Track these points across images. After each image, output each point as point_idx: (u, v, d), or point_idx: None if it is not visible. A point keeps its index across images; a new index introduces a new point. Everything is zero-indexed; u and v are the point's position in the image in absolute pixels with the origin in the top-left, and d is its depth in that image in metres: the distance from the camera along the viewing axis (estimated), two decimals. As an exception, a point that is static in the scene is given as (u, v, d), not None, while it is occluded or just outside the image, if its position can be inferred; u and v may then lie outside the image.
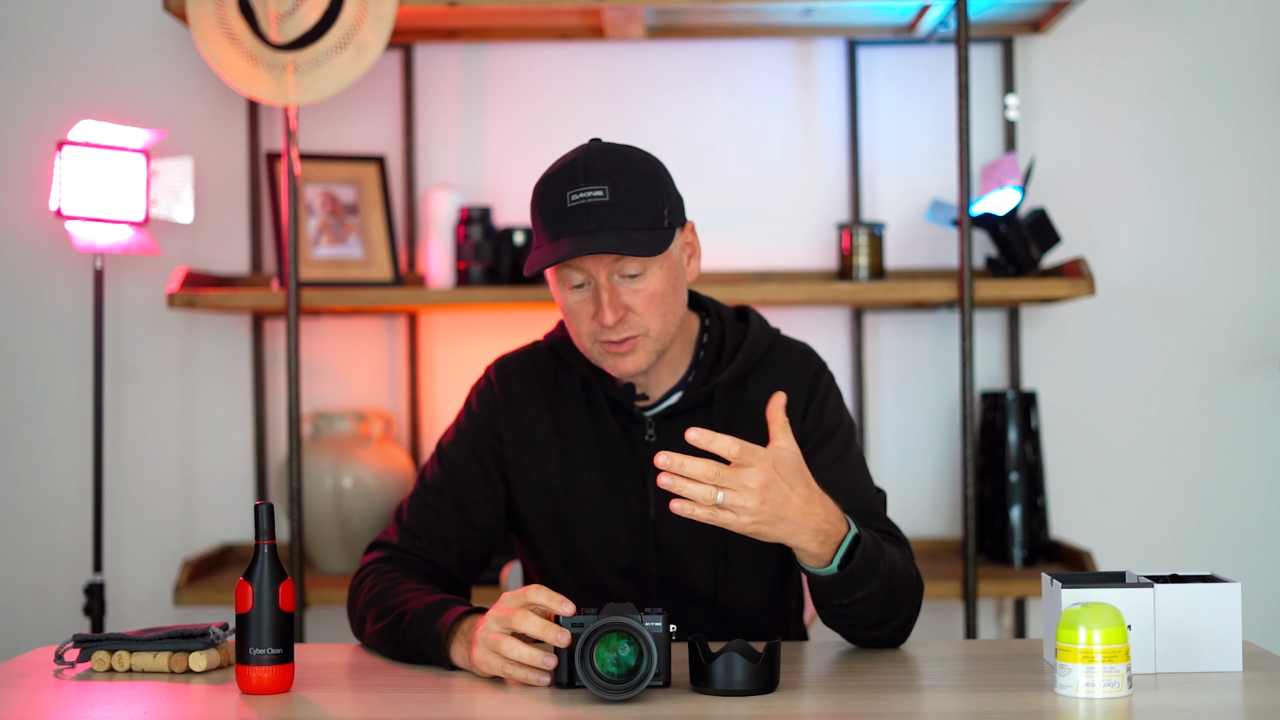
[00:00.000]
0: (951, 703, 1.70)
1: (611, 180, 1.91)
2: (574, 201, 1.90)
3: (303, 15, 2.74)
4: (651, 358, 1.97)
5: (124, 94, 3.23)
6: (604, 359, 1.97)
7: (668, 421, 2.03)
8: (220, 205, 3.24)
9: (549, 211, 1.93)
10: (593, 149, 1.95)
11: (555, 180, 1.94)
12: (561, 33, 3.20)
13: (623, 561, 2.03)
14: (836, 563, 1.79)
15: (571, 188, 1.91)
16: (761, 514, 1.72)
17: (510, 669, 1.72)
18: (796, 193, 3.24)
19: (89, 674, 1.83)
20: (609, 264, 1.92)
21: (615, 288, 1.93)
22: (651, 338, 1.96)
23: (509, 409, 2.08)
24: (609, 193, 1.90)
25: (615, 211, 1.90)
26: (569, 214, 1.90)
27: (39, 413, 3.24)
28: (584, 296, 1.95)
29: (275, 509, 1.76)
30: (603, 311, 1.92)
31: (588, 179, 1.91)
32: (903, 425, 3.25)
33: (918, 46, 3.22)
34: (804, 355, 2.10)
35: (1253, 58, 3.20)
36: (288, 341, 2.86)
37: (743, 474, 1.71)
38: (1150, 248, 3.22)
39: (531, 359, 2.12)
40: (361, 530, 3.03)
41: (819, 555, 1.78)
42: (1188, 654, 1.74)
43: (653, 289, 1.94)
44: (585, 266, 1.92)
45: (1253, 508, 3.21)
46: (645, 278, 1.93)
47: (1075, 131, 3.23)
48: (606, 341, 1.95)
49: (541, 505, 2.06)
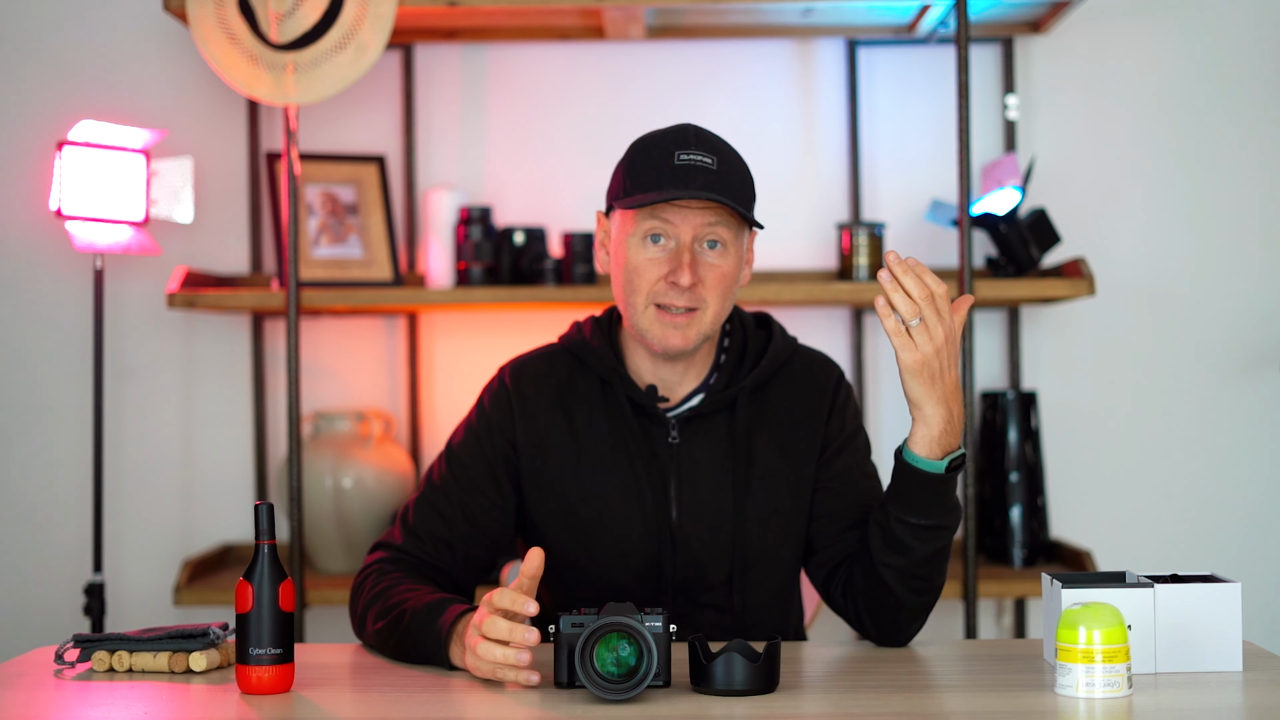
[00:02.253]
0: (951, 703, 1.70)
1: (719, 154, 1.96)
2: (682, 160, 1.94)
3: (303, 15, 2.74)
4: (700, 340, 1.98)
5: (124, 94, 3.23)
6: (654, 327, 1.97)
7: (690, 424, 2.02)
8: (220, 205, 3.25)
9: (652, 165, 1.95)
10: (697, 126, 2.00)
11: (661, 140, 1.97)
12: (561, 33, 3.20)
13: (637, 564, 2.02)
14: (945, 465, 1.85)
15: (681, 148, 1.95)
16: (930, 362, 1.81)
17: (501, 671, 1.73)
18: (796, 193, 3.24)
19: (89, 674, 1.83)
20: (700, 227, 1.94)
21: (696, 254, 1.95)
22: (707, 318, 1.97)
23: (523, 411, 2.05)
24: (717, 164, 1.95)
25: (721, 179, 1.94)
26: (676, 170, 1.93)
27: (39, 412, 3.24)
28: (659, 256, 1.96)
29: (275, 509, 1.76)
30: (681, 271, 1.93)
31: (699, 145, 1.95)
32: (903, 425, 3.22)
33: (918, 46, 3.22)
34: (825, 364, 2.12)
35: (1253, 58, 3.20)
36: (288, 341, 2.86)
37: (938, 321, 1.79)
38: (1150, 248, 3.22)
39: (547, 361, 2.09)
40: (361, 530, 3.03)
41: (934, 441, 1.86)
42: (1188, 654, 1.74)
43: (726, 267, 1.97)
44: (676, 224, 1.94)
45: (1253, 508, 3.21)
46: (725, 254, 1.97)
47: (1075, 131, 3.23)
48: (664, 308, 1.96)
49: (555, 509, 2.04)
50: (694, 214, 1.93)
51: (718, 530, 2.00)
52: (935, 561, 1.91)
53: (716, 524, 2.01)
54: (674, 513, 2.01)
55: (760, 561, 2.03)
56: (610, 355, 2.04)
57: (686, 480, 2.01)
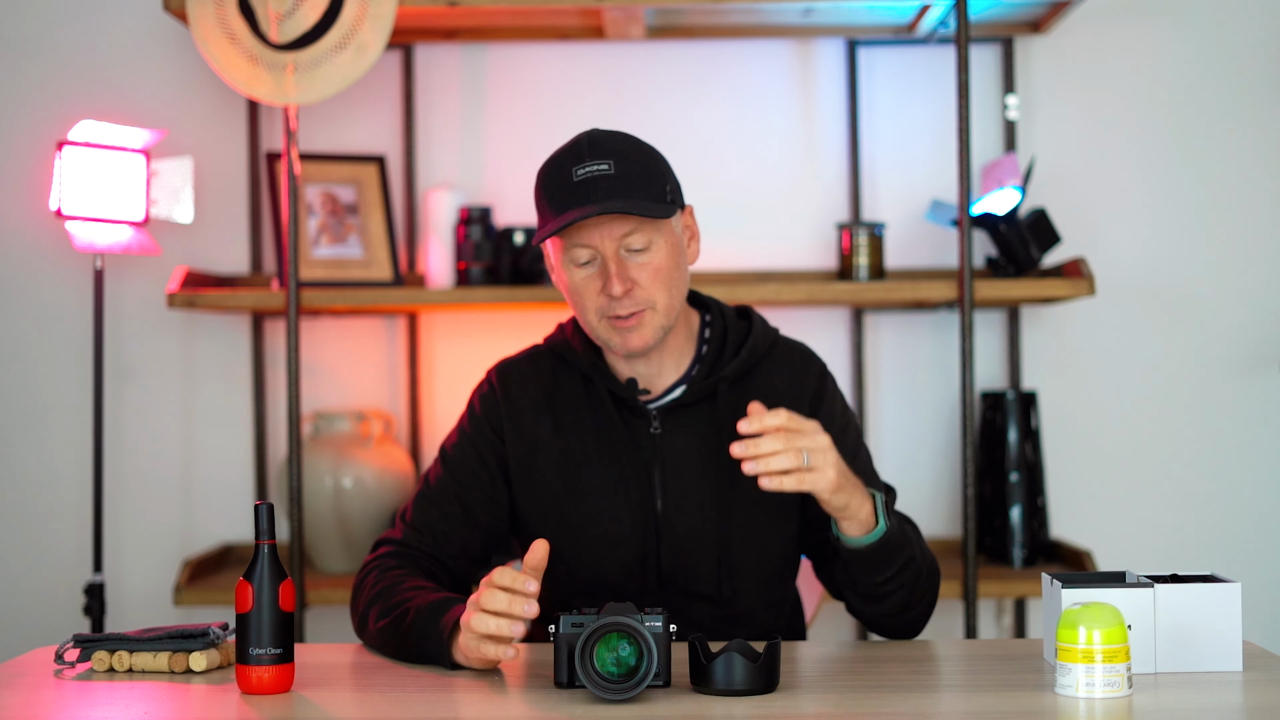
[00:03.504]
0: (951, 703, 1.70)
1: (616, 156, 1.96)
2: (580, 176, 1.94)
3: (303, 15, 2.74)
4: (658, 334, 1.99)
5: (124, 94, 3.23)
6: (612, 336, 2.00)
7: (672, 414, 2.05)
8: (220, 205, 3.24)
9: (554, 188, 1.97)
10: (594, 131, 2.01)
11: (559, 160, 1.98)
12: (561, 33, 3.20)
13: (627, 556, 2.04)
14: (883, 523, 1.87)
15: (577, 164, 1.95)
16: (841, 467, 1.82)
17: (484, 647, 1.73)
18: (796, 193, 3.24)
19: (89, 674, 1.83)
20: (616, 237, 1.95)
21: (622, 261, 1.96)
22: (659, 312, 1.98)
23: (511, 411, 2.09)
24: (614, 166, 1.95)
25: (621, 182, 1.94)
26: (575, 188, 1.94)
27: (39, 412, 3.24)
28: (590, 273, 1.98)
29: (275, 509, 1.76)
30: (611, 283, 1.95)
31: (593, 155, 1.96)
32: (903, 425, 3.25)
33: (918, 46, 3.22)
34: (805, 355, 2.13)
35: (1253, 58, 3.20)
36: (288, 341, 2.86)
37: (809, 436, 1.80)
38: (1150, 248, 3.22)
39: (532, 362, 2.14)
40: (361, 530, 3.03)
41: (867, 520, 1.86)
42: (1188, 654, 1.74)
43: (658, 262, 1.97)
44: (592, 242, 1.96)
45: (1253, 508, 3.21)
46: (651, 251, 1.97)
47: (1075, 131, 3.23)
48: (614, 317, 1.98)
49: (544, 506, 2.07)
50: (606, 227, 1.95)
51: (703, 519, 2.03)
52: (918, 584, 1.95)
53: (701, 513, 2.04)
54: (659, 503, 2.04)
55: (748, 548, 2.05)
56: (590, 352, 2.08)
57: (671, 470, 2.04)
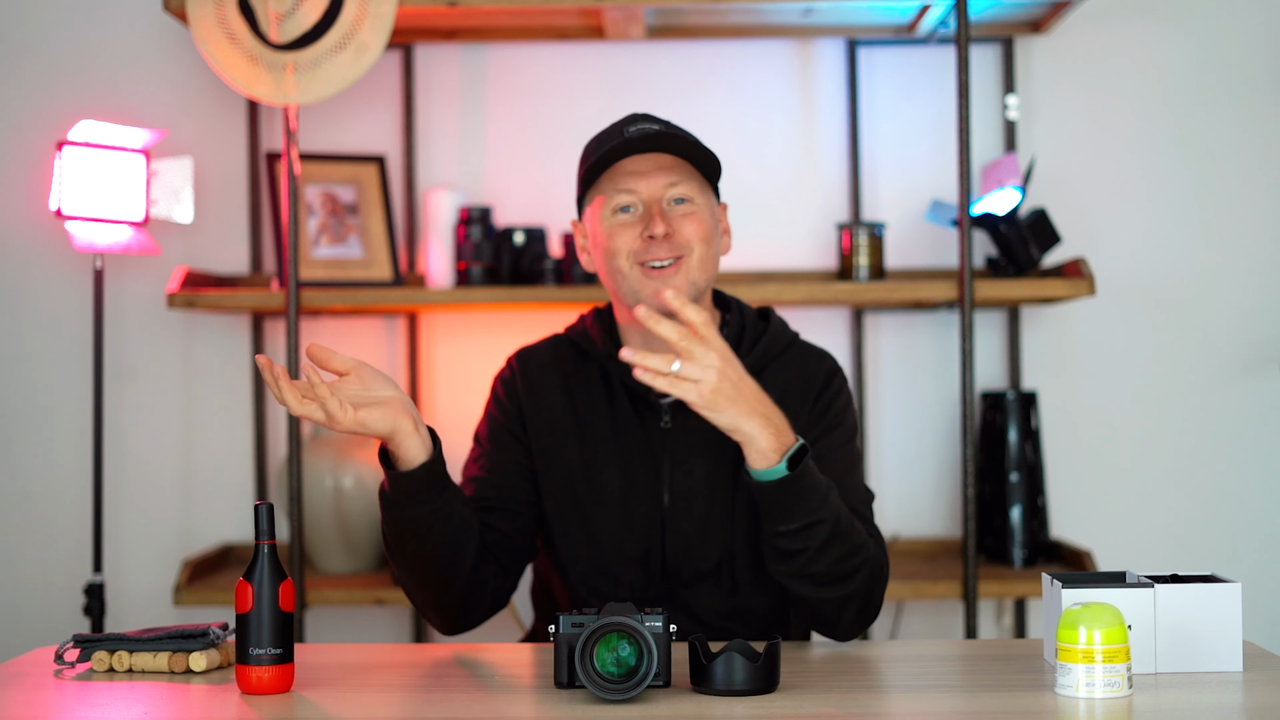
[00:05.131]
0: (951, 703, 1.70)
1: (666, 123, 2.04)
2: (630, 132, 2.01)
3: (303, 15, 2.74)
4: (690, 288, 2.01)
5: (124, 94, 3.23)
6: (643, 285, 2.01)
7: (683, 409, 2.06)
8: (220, 205, 3.24)
9: (603, 143, 2.03)
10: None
11: (608, 129, 2.06)
12: (561, 33, 3.20)
13: (634, 549, 2.06)
14: (785, 464, 1.84)
15: (629, 125, 2.03)
16: (721, 388, 1.81)
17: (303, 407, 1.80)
18: (796, 193, 3.24)
19: (89, 674, 1.83)
20: (663, 185, 2.00)
21: (665, 210, 2.00)
22: (694, 262, 2.01)
23: (531, 396, 2.12)
24: (666, 128, 2.03)
25: (672, 137, 2.00)
26: (627, 140, 2.00)
27: (39, 412, 3.24)
28: (629, 220, 2.01)
29: (275, 509, 1.76)
30: (654, 222, 1.98)
31: (645, 120, 2.03)
32: (903, 425, 3.25)
33: (918, 46, 3.22)
34: (821, 356, 2.16)
35: (1252, 58, 3.20)
36: (288, 341, 2.86)
37: (704, 349, 1.81)
38: (1150, 248, 3.22)
39: (552, 349, 2.17)
40: (361, 530, 3.03)
41: (767, 452, 1.83)
42: (1188, 654, 1.74)
43: (701, 215, 2.02)
44: (637, 188, 2.00)
45: (1253, 508, 3.21)
46: (695, 204, 2.02)
47: (1075, 131, 3.23)
48: (649, 265, 2.00)
49: (560, 491, 2.09)
50: (654, 176, 2.01)
51: (709, 513, 2.05)
52: (828, 554, 1.90)
53: (707, 507, 2.05)
54: (666, 496, 2.06)
55: (752, 543, 2.05)
56: (609, 343, 2.10)
57: (679, 464, 2.06)
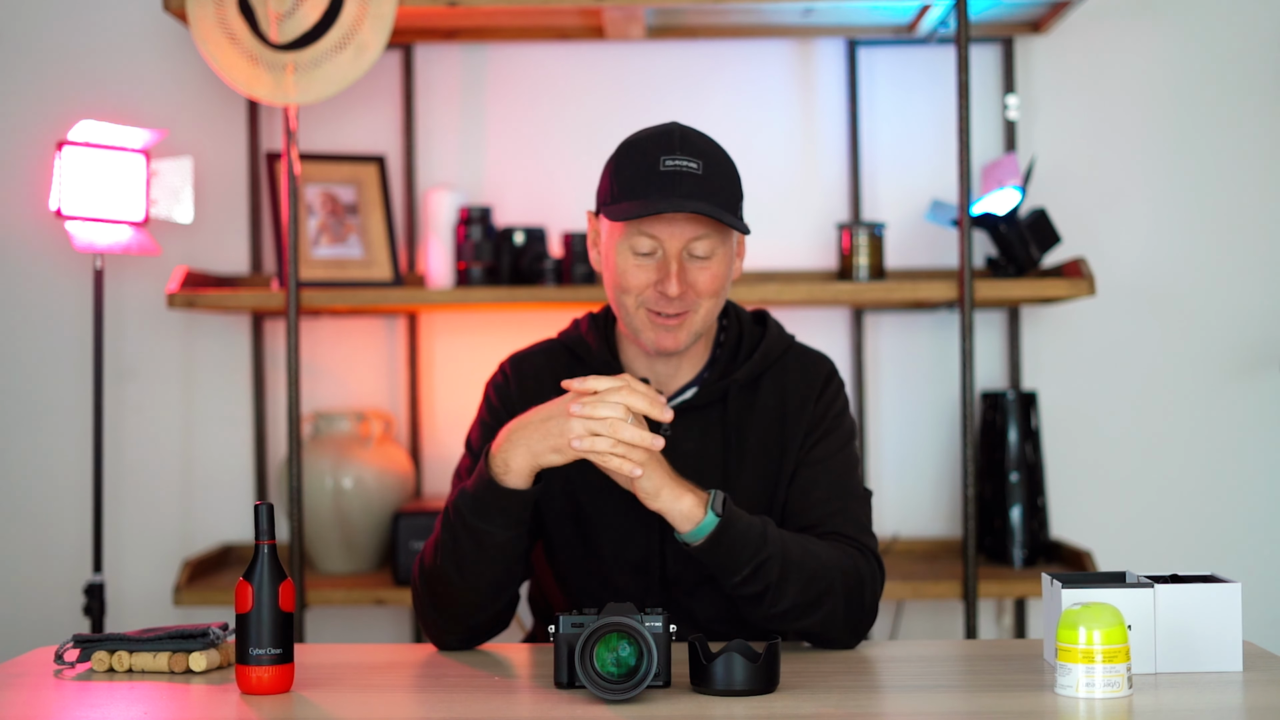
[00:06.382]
0: (951, 703, 1.70)
1: (705, 157, 1.97)
2: (667, 166, 1.94)
3: (303, 15, 2.74)
4: (691, 339, 2.01)
5: (124, 94, 3.23)
6: (646, 329, 2.00)
7: (683, 416, 2.05)
8: (220, 205, 3.24)
9: (639, 171, 1.96)
10: (683, 126, 2.01)
11: (647, 144, 1.98)
12: (561, 33, 3.20)
13: (633, 556, 2.05)
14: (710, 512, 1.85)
15: (666, 153, 1.95)
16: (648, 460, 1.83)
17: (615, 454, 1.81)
18: (796, 193, 3.24)
19: (89, 674, 1.83)
20: (686, 238, 1.96)
21: (684, 263, 1.97)
22: (699, 318, 2.00)
23: (524, 402, 2.09)
24: (702, 167, 1.96)
25: (707, 186, 1.95)
26: (662, 176, 1.94)
27: (39, 413, 3.24)
28: (646, 263, 1.98)
29: (275, 509, 1.76)
30: (669, 281, 1.95)
31: (684, 150, 1.96)
32: (903, 425, 3.25)
33: (918, 46, 3.22)
34: (819, 360, 2.14)
35: (1253, 58, 3.20)
36: (288, 341, 2.86)
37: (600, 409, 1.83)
38: (1150, 248, 3.22)
39: (546, 355, 2.14)
40: (361, 530, 3.03)
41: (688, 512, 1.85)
42: (1188, 654, 1.74)
43: (716, 270, 1.99)
44: (660, 235, 1.96)
45: (1253, 508, 3.21)
46: (713, 260, 1.98)
47: (1075, 131, 3.23)
48: (656, 312, 1.98)
49: (556, 500, 2.07)
50: (680, 227, 1.95)
51: None
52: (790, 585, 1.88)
53: None
54: None
55: None
56: (605, 350, 2.09)
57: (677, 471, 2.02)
